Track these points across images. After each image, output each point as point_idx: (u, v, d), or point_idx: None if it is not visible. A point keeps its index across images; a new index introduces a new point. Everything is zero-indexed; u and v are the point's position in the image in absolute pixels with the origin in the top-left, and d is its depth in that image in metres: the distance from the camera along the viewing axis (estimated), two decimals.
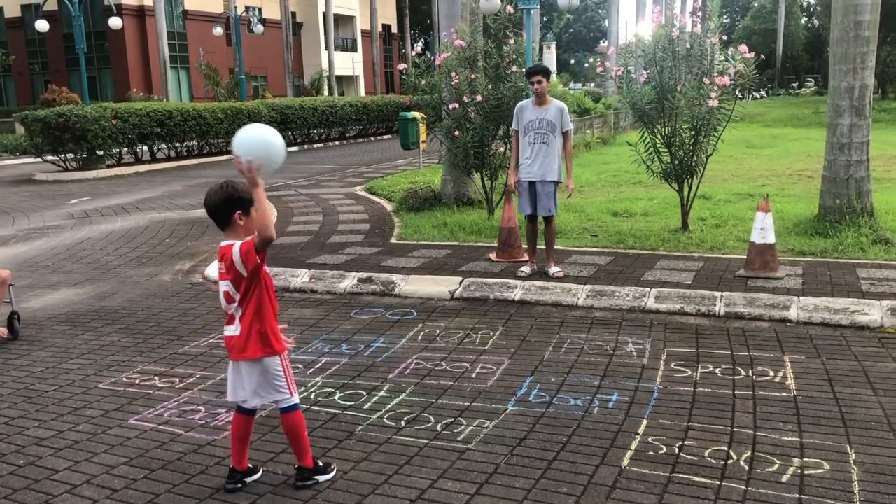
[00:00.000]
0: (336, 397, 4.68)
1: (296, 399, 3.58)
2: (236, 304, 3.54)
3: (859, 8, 8.03)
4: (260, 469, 3.72)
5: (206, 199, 3.54)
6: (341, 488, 3.55)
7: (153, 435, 4.23)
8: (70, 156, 19.33)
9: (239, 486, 3.56)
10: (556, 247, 7.54)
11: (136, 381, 5.09)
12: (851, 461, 3.64)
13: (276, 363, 3.53)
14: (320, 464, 3.67)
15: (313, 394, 4.75)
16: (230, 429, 3.72)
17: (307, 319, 6.43)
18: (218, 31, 38.78)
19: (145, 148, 21.44)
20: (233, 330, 3.55)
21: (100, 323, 6.57)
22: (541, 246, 7.50)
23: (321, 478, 3.61)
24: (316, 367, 5.25)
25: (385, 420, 4.31)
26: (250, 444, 3.71)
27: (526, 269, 7.33)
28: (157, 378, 5.14)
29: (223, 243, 3.52)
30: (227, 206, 3.48)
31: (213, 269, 8.26)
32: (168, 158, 22.11)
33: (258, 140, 3.40)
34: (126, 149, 20.70)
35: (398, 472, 3.68)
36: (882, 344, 5.33)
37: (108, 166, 19.99)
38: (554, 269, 7.18)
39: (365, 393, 4.73)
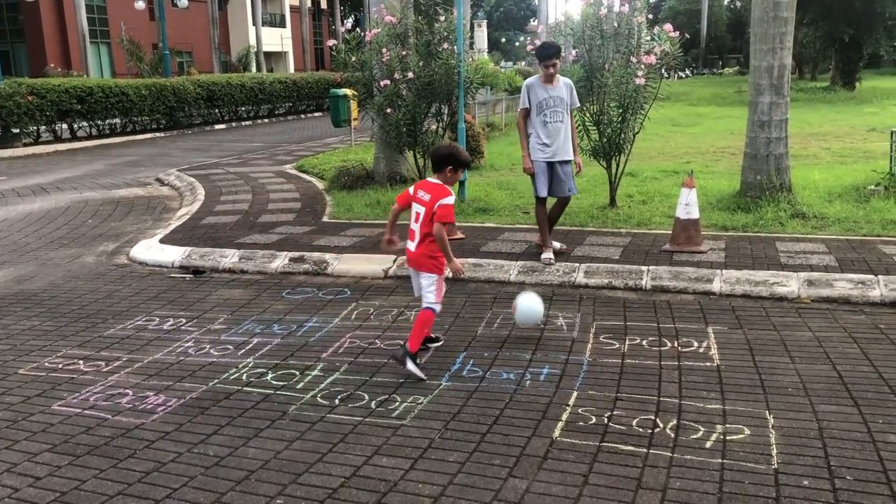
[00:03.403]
0: (268, 377, 4.63)
1: (436, 307, 4.75)
2: (418, 228, 4.75)
3: None
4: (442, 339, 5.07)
5: (434, 150, 4.97)
6: (275, 468, 3.53)
7: (78, 420, 4.12)
8: None
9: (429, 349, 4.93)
10: (488, 224, 7.58)
11: (60, 366, 4.94)
12: (770, 426, 3.81)
13: (433, 280, 4.76)
14: (418, 361, 4.66)
15: (245, 374, 4.69)
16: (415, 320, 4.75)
17: (237, 300, 6.33)
18: (140, 4, 37.48)
19: (65, 126, 20.64)
20: (412, 246, 4.81)
21: (19, 307, 6.33)
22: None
23: (410, 364, 4.54)
24: (247, 347, 5.18)
25: (319, 399, 4.29)
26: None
27: (549, 255, 6.84)
28: (81, 362, 4.99)
29: (431, 180, 4.83)
30: (446, 161, 4.80)
31: (137, 250, 8.04)
32: (89, 137, 21.33)
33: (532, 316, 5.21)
34: (44, 127, 19.89)
35: (332, 451, 3.68)
36: (799, 314, 5.57)
37: (25, 145, 19.16)
38: (556, 245, 7.07)
39: (298, 373, 4.69)
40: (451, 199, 4.70)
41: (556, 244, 7.13)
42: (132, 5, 38.39)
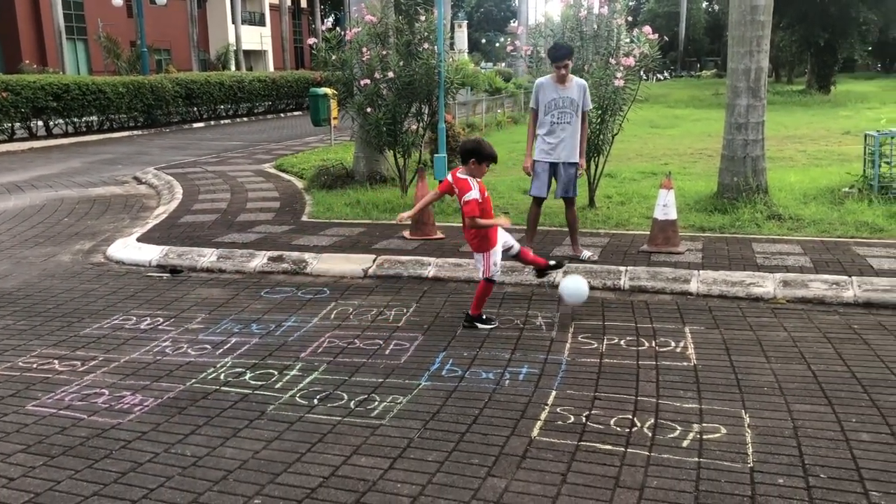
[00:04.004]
0: (247, 377, 4.61)
1: (488, 278, 5.41)
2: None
3: None
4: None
5: (462, 143, 5.55)
6: (253, 468, 3.51)
7: (53, 420, 4.07)
8: None
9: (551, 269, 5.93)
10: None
11: (34, 366, 4.88)
12: (746, 425, 3.85)
13: (479, 258, 5.44)
14: (484, 317, 5.42)
15: (223, 374, 4.66)
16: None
17: (215, 300, 6.29)
18: (118, 1, 37.03)
19: (40, 123, 20.37)
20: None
21: None
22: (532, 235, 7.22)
23: (478, 324, 5.36)
24: (225, 347, 5.15)
25: (297, 399, 4.28)
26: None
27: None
28: (56, 362, 4.93)
29: (459, 173, 5.31)
30: (469, 154, 5.24)
31: (113, 249, 7.97)
32: (66, 134, 21.08)
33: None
34: (19, 124, 19.62)
35: (311, 450, 3.67)
36: (775, 314, 5.63)
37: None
38: (587, 254, 6.87)
39: (276, 372, 4.67)
40: (471, 195, 5.18)
41: (587, 252, 6.92)
42: (110, 2, 37.94)
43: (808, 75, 38.19)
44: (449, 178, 5.40)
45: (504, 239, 5.58)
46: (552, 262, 6.08)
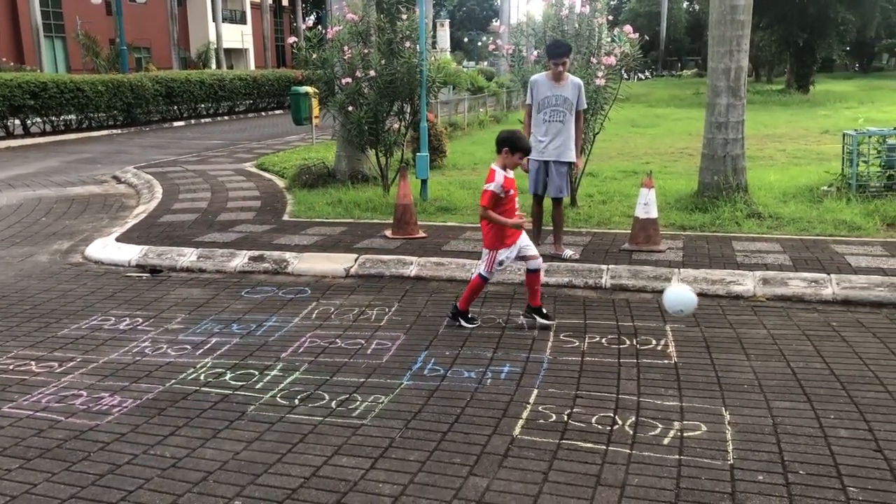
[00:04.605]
0: (227, 377, 4.57)
1: (486, 275, 5.38)
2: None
3: None
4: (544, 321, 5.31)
5: (499, 134, 5.36)
6: (233, 469, 3.48)
7: (30, 422, 4.01)
8: None
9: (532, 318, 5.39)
10: (450, 223, 7.57)
11: (10, 367, 4.81)
12: (726, 422, 3.87)
13: (485, 253, 5.36)
14: (470, 315, 5.43)
15: (203, 374, 4.62)
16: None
17: (195, 299, 6.24)
18: None
19: (17, 122, 20.13)
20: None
21: None
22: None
23: (464, 322, 5.38)
24: (205, 347, 5.11)
25: (278, 399, 4.25)
26: None
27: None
28: (33, 363, 4.87)
29: (493, 164, 5.27)
30: (503, 143, 5.23)
31: (92, 249, 7.89)
32: (43, 133, 20.84)
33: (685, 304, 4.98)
34: None
35: (291, 451, 3.65)
36: (755, 312, 5.67)
37: None
38: (568, 253, 6.87)
39: (257, 372, 4.64)
40: (490, 186, 5.15)
41: (569, 251, 6.93)
42: None
43: (787, 75, 38.52)
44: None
45: (526, 245, 5.38)
46: (545, 313, 5.43)
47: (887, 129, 9.42)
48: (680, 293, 5.01)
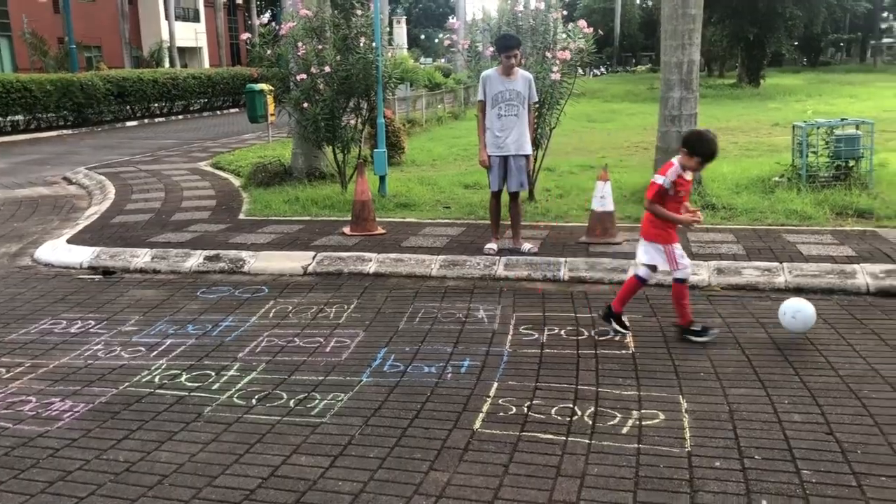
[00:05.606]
0: (182, 379, 4.49)
1: (680, 275, 4.95)
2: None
3: None
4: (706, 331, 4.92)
5: (686, 133, 5.35)
6: (189, 471, 3.42)
7: None
8: None
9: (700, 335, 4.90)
10: (409, 219, 7.54)
11: None
12: (683, 410, 3.91)
13: (660, 250, 4.96)
14: (697, 328, 4.90)
15: (158, 377, 4.53)
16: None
17: (150, 301, 6.12)
18: None
19: None
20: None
21: None
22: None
23: (693, 337, 4.87)
24: (160, 349, 5.01)
25: (235, 399, 4.19)
26: None
27: (493, 246, 6.93)
28: None
29: (675, 158, 4.94)
30: (685, 143, 4.90)
31: (41, 251, 7.69)
32: None
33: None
34: None
35: (249, 451, 3.59)
36: (710, 301, 5.75)
37: None
38: (527, 246, 6.88)
39: (213, 373, 4.57)
40: (659, 178, 4.87)
41: (527, 245, 6.94)
42: None
43: (738, 69, 39.18)
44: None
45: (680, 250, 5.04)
46: (697, 328, 4.97)
47: (835, 120, 9.62)
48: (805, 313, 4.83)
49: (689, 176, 4.92)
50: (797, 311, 4.86)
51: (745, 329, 5.11)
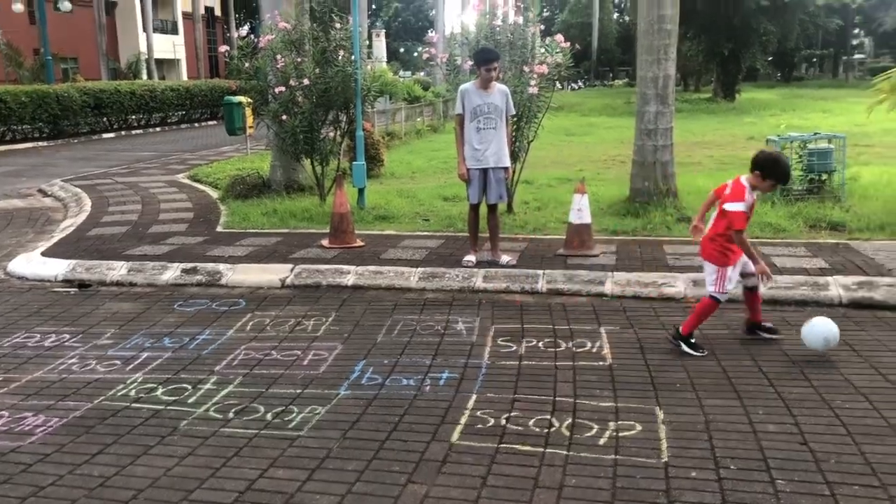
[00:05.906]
0: (158, 393, 4.45)
1: (718, 296, 4.94)
2: (713, 217, 5.01)
3: (662, 2, 8.64)
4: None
5: (759, 153, 4.96)
6: (165, 485, 3.39)
7: None
8: None
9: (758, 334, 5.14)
10: (388, 232, 7.53)
11: None
12: (660, 420, 3.94)
13: (714, 269, 4.96)
14: (693, 341, 4.92)
15: (133, 390, 4.49)
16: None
17: (126, 314, 6.07)
18: (18, 7, 35.42)
19: None
20: (706, 230, 5.08)
21: None
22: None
23: (685, 347, 4.89)
24: (136, 362, 4.96)
25: (211, 413, 4.16)
26: None
27: (471, 258, 6.93)
28: None
29: (742, 178, 4.88)
30: (755, 164, 4.84)
31: (15, 264, 7.61)
32: None
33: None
34: None
35: (226, 465, 3.57)
36: (686, 313, 5.76)
37: None
38: (506, 259, 6.89)
39: (190, 387, 4.53)
40: (738, 206, 4.76)
41: (506, 257, 6.96)
42: (9, 8, 36.28)
43: (714, 84, 39.64)
44: (729, 181, 4.97)
45: (745, 261, 5.01)
46: (769, 326, 5.25)
47: (808, 134, 9.76)
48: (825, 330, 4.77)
49: (754, 196, 4.94)
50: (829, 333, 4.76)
51: (720, 340, 5.16)
